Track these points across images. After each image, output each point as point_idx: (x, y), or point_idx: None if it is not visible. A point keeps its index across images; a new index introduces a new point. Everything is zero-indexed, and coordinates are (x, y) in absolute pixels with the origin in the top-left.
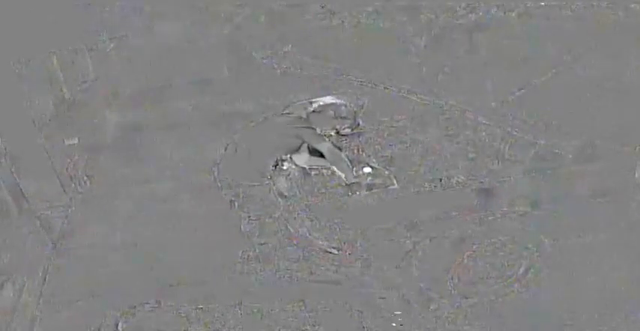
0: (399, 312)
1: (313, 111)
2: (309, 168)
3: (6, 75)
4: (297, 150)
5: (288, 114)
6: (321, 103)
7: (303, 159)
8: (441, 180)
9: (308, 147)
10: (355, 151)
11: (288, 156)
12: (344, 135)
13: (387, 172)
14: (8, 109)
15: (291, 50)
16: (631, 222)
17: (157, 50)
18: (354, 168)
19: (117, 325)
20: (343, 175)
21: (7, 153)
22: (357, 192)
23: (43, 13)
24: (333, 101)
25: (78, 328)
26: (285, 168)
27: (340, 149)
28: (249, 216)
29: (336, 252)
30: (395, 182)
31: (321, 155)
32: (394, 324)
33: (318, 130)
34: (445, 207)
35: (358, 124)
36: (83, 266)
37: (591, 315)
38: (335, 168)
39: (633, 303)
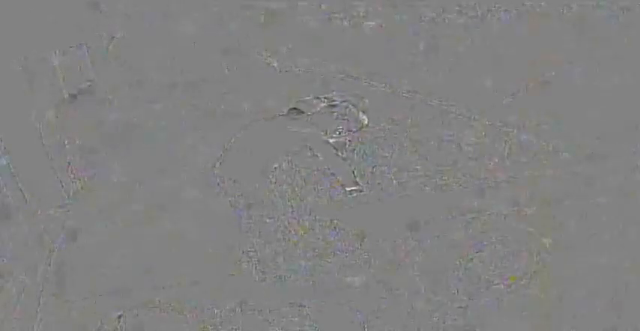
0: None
1: (327, 106)
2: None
3: (6, 75)
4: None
5: (294, 111)
6: (331, 100)
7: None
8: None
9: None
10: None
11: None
12: (347, 135)
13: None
14: (8, 109)
15: (291, 50)
16: (632, 222)
17: (157, 50)
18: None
19: (117, 325)
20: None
21: (7, 153)
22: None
23: (43, 13)
24: (340, 100)
25: (78, 328)
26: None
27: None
28: (250, 216)
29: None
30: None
31: None
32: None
33: (323, 129)
34: (445, 207)
35: (363, 124)
36: (84, 266)
37: (592, 315)
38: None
39: (634, 303)
